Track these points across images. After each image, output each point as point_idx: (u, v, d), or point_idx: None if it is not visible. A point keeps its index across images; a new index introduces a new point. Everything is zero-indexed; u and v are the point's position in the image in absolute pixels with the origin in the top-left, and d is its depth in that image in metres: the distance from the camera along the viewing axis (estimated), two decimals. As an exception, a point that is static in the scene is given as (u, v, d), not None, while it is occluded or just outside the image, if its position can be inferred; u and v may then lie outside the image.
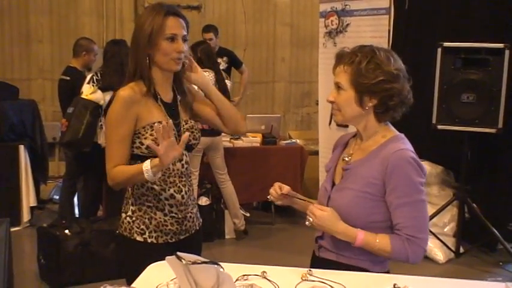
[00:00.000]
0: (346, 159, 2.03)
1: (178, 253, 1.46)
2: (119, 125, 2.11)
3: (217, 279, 1.45)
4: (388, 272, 2.00)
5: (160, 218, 2.21)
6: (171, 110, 2.22)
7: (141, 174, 2.04)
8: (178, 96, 2.28)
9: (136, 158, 2.15)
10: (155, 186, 2.19)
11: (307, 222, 1.94)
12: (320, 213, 1.90)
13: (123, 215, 2.26)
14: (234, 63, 6.68)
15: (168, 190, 2.20)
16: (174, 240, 2.24)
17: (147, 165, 2.02)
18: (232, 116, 2.36)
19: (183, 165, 2.25)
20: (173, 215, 2.22)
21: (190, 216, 2.30)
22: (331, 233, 1.92)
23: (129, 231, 2.23)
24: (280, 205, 2.13)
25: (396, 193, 1.86)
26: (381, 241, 1.88)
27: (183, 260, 1.44)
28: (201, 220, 2.41)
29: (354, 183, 1.93)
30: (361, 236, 1.87)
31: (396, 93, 1.89)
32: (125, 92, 2.13)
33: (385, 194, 1.89)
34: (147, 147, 2.11)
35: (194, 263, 1.43)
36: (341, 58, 1.95)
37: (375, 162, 1.91)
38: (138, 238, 2.21)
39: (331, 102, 1.97)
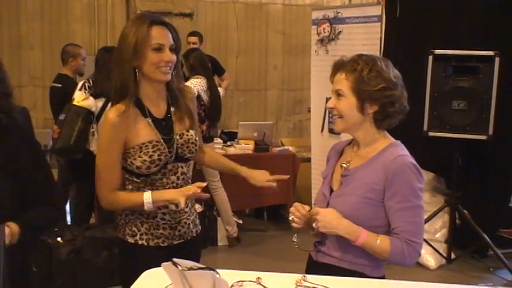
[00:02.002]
0: (344, 165, 2.05)
1: (174, 259, 1.46)
2: (110, 149, 2.11)
3: (213, 285, 1.45)
4: (383, 277, 2.03)
5: (152, 222, 2.21)
6: (162, 125, 2.18)
7: (141, 205, 2.09)
8: (172, 108, 2.23)
9: (129, 172, 2.18)
10: None
11: (314, 225, 1.94)
12: (323, 210, 1.92)
13: (118, 217, 2.27)
14: (216, 70, 6.52)
15: None
16: (166, 244, 2.23)
17: (148, 197, 2.08)
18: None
19: (178, 177, 2.22)
20: (165, 221, 2.23)
21: (186, 222, 2.29)
22: (336, 231, 1.91)
23: (122, 232, 2.24)
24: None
25: (396, 198, 1.90)
26: (382, 241, 1.91)
27: (179, 266, 1.44)
28: (199, 227, 2.38)
29: (355, 189, 1.96)
30: (364, 234, 1.90)
31: (396, 99, 1.95)
32: (112, 114, 2.09)
33: (384, 198, 1.92)
34: (137, 168, 2.11)
35: (190, 269, 1.43)
36: (340, 66, 1.99)
37: (375, 168, 1.94)
38: (130, 240, 2.22)
39: (331, 108, 2.00)
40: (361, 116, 1.96)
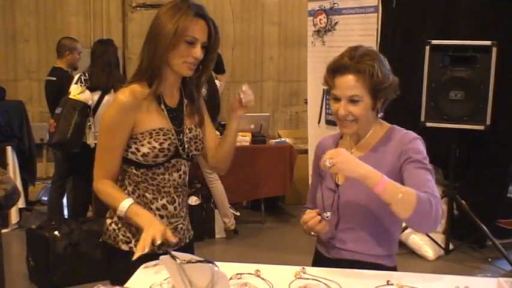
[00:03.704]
0: None
1: (173, 252, 1.45)
2: (113, 132, 1.98)
3: (212, 278, 1.44)
4: (395, 267, 2.02)
5: None
6: (173, 115, 2.07)
7: (116, 208, 1.97)
8: (185, 101, 2.13)
9: (129, 163, 2.03)
10: (147, 195, 2.04)
11: (327, 162, 1.73)
12: (341, 149, 1.82)
13: (108, 221, 2.09)
14: (217, 67, 6.43)
15: (161, 200, 2.05)
16: (161, 251, 1.99)
17: (124, 206, 1.95)
18: (225, 159, 2.25)
19: (180, 175, 2.09)
20: None
21: (181, 228, 2.15)
22: (352, 173, 1.77)
23: (114, 239, 2.05)
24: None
25: (412, 164, 1.88)
26: (406, 190, 1.76)
27: (177, 259, 1.43)
28: (192, 232, 2.24)
29: None
30: (385, 179, 1.74)
31: (396, 87, 1.97)
32: (124, 96, 1.97)
33: (401, 171, 1.89)
34: (143, 155, 1.98)
35: (189, 262, 1.42)
36: (344, 70, 1.90)
37: (386, 151, 1.95)
38: (124, 247, 2.03)
39: (345, 116, 1.92)
40: (373, 114, 1.97)
